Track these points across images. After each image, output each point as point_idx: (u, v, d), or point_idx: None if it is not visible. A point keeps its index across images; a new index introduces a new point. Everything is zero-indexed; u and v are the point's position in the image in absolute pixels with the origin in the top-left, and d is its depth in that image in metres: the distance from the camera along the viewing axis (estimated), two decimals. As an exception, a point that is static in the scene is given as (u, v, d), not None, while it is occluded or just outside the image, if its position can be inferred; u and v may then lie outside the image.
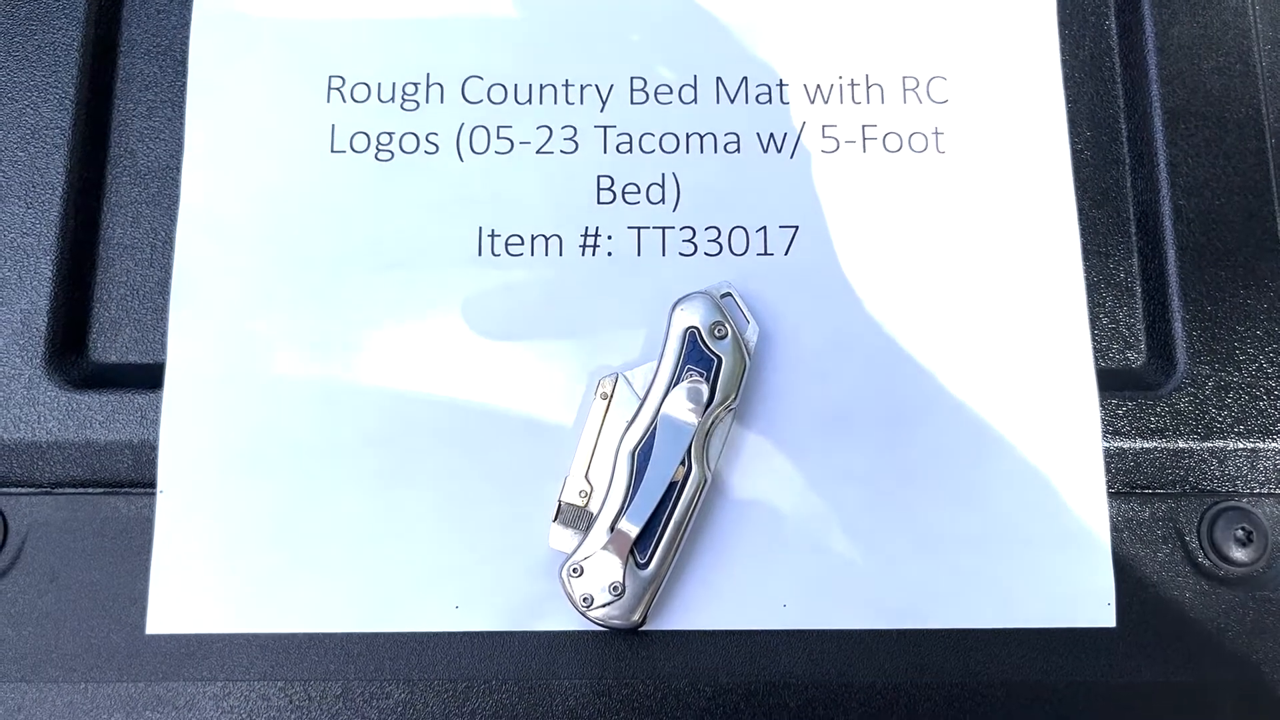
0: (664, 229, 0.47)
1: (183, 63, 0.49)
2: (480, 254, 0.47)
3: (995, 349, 0.46)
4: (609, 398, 0.44)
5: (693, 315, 0.44)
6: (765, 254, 0.47)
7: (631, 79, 0.49)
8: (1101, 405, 0.46)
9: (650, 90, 0.48)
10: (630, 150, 0.48)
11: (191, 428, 0.45)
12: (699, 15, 0.49)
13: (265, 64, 0.48)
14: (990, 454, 0.45)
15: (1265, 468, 0.46)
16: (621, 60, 0.49)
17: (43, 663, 0.43)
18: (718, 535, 0.44)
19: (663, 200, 0.47)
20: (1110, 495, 0.45)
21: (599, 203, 0.47)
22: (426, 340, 0.46)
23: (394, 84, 0.48)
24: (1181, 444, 0.46)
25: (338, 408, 0.45)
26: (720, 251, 0.47)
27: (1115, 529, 0.45)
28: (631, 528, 0.42)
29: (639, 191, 0.47)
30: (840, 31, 0.49)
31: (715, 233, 0.47)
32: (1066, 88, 0.49)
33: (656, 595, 0.43)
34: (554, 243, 0.47)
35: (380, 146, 0.48)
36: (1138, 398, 0.46)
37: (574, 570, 0.42)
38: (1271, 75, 0.49)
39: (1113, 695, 0.44)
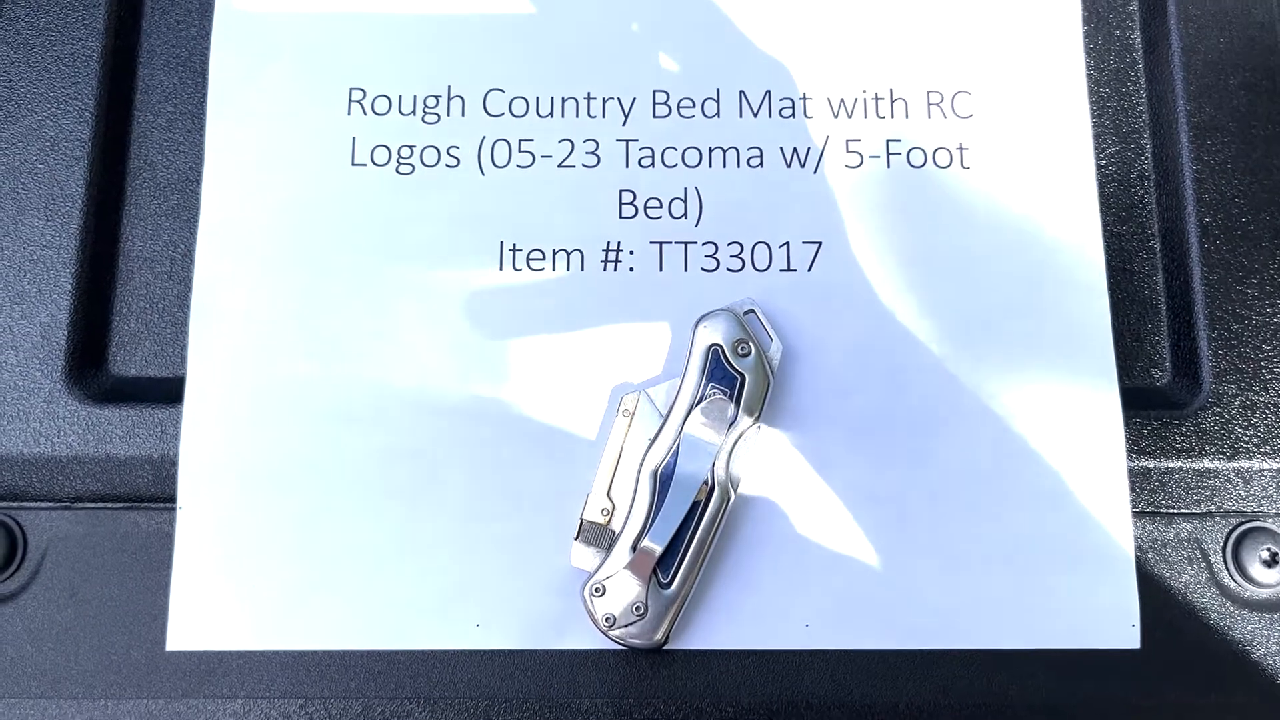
0: (686, 244, 0.47)
1: (203, 74, 0.49)
2: (502, 268, 0.46)
3: (1019, 366, 0.46)
4: (631, 415, 0.44)
5: (715, 333, 0.44)
6: (788, 270, 0.46)
7: (654, 92, 0.48)
8: (1126, 424, 0.45)
9: (673, 104, 0.48)
10: (652, 164, 0.48)
11: (211, 443, 0.45)
12: (722, 29, 0.49)
13: (286, 76, 0.48)
14: (1014, 473, 0.45)
15: (1291, 488, 0.45)
16: (643, 73, 0.49)
17: (62, 679, 0.43)
18: (740, 554, 0.44)
19: (685, 215, 0.47)
20: (1135, 515, 0.45)
21: (621, 217, 0.47)
22: (447, 355, 0.46)
23: (415, 97, 0.48)
24: (1207, 464, 0.45)
25: (358, 423, 0.45)
26: (743, 267, 0.47)
27: (1140, 549, 0.45)
28: (654, 547, 0.42)
29: (661, 206, 0.47)
30: (864, 45, 0.49)
31: (738, 248, 0.47)
32: (1091, 102, 0.49)
33: (679, 615, 0.42)
34: (575, 257, 0.47)
35: (401, 160, 0.47)
36: (1163, 417, 0.46)
37: (596, 590, 0.42)
38: (1299, 90, 0.49)
39: (1137, 716, 0.43)
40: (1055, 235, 0.47)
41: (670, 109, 0.48)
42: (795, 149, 0.48)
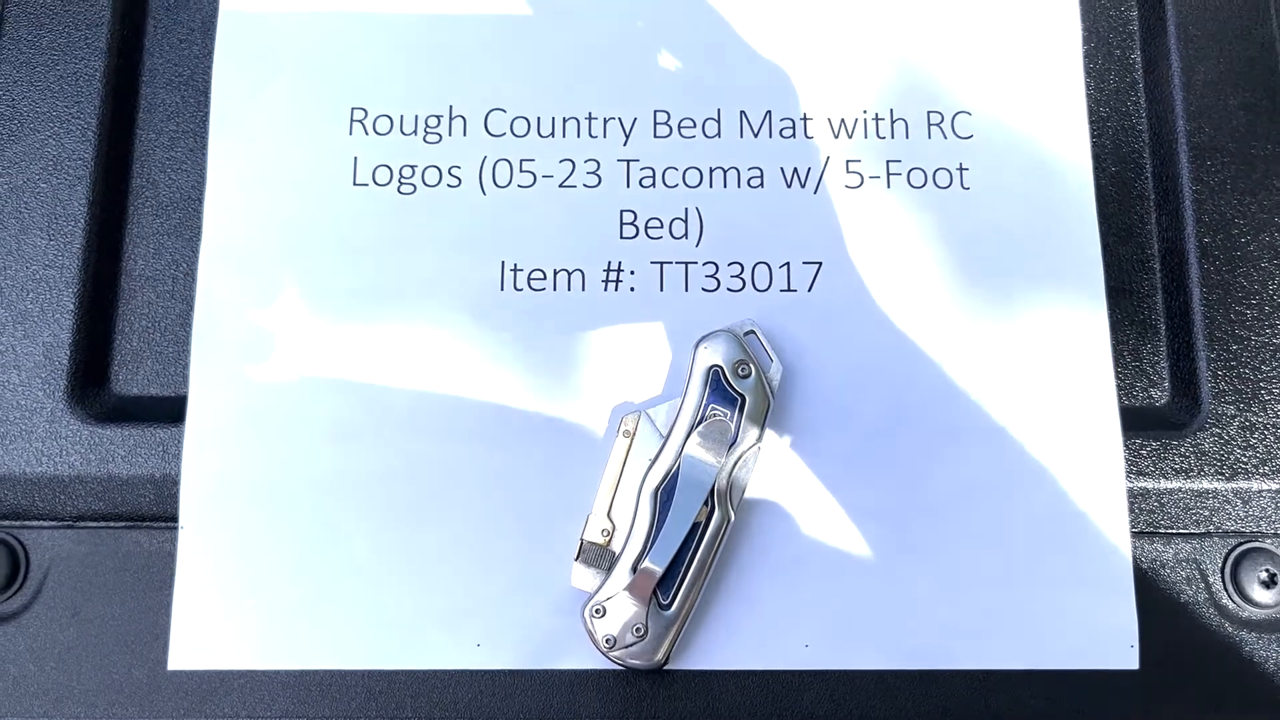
0: (687, 264, 0.47)
1: (205, 93, 0.49)
2: (503, 288, 0.46)
3: (1019, 387, 0.46)
4: (631, 435, 0.44)
5: (715, 354, 0.44)
6: (789, 290, 0.47)
7: (655, 112, 0.48)
8: (1125, 444, 0.45)
9: (673, 124, 0.48)
10: (653, 184, 0.48)
11: (213, 462, 0.45)
12: (723, 49, 0.49)
13: (288, 95, 0.48)
14: (1013, 493, 0.45)
15: (1290, 509, 0.46)
16: (644, 94, 0.49)
17: (64, 699, 0.43)
18: (740, 575, 0.44)
19: (685, 235, 0.47)
20: (1134, 535, 0.45)
21: (622, 237, 0.47)
22: (448, 375, 0.46)
23: (416, 116, 0.48)
24: (1205, 484, 0.46)
25: (359, 442, 0.45)
26: (743, 287, 0.47)
27: (1139, 569, 0.45)
28: (654, 568, 0.42)
29: (662, 226, 0.47)
30: (864, 66, 0.49)
31: (738, 268, 0.47)
32: (1091, 123, 0.49)
33: (679, 635, 0.43)
34: (576, 277, 0.47)
35: (402, 179, 0.48)
36: (1162, 437, 0.46)
37: (596, 610, 0.42)
38: (1298, 110, 0.49)
39: (1135, 737, 0.44)
40: (1055, 255, 0.47)
41: (671, 129, 0.48)
42: (795, 169, 0.48)
